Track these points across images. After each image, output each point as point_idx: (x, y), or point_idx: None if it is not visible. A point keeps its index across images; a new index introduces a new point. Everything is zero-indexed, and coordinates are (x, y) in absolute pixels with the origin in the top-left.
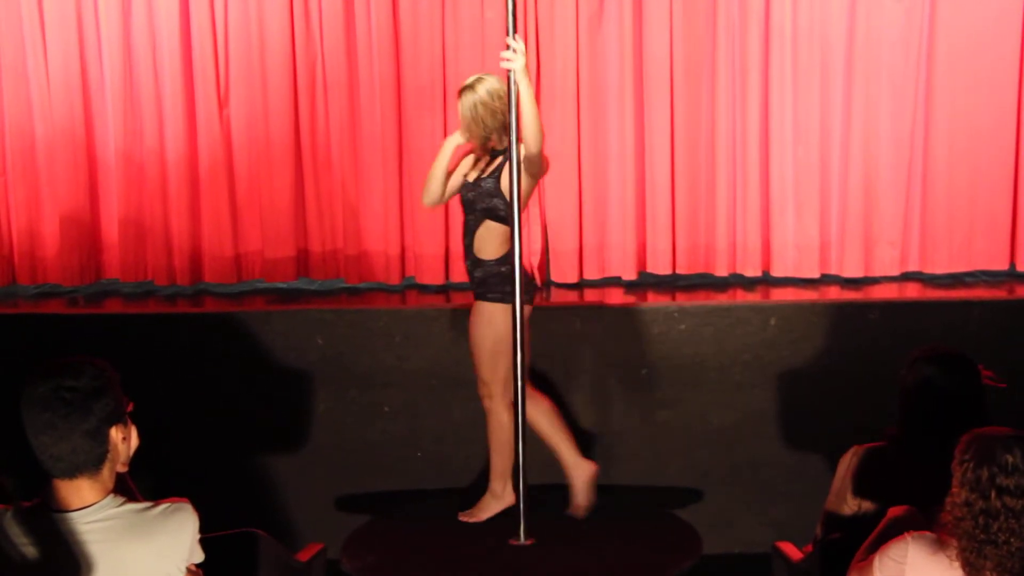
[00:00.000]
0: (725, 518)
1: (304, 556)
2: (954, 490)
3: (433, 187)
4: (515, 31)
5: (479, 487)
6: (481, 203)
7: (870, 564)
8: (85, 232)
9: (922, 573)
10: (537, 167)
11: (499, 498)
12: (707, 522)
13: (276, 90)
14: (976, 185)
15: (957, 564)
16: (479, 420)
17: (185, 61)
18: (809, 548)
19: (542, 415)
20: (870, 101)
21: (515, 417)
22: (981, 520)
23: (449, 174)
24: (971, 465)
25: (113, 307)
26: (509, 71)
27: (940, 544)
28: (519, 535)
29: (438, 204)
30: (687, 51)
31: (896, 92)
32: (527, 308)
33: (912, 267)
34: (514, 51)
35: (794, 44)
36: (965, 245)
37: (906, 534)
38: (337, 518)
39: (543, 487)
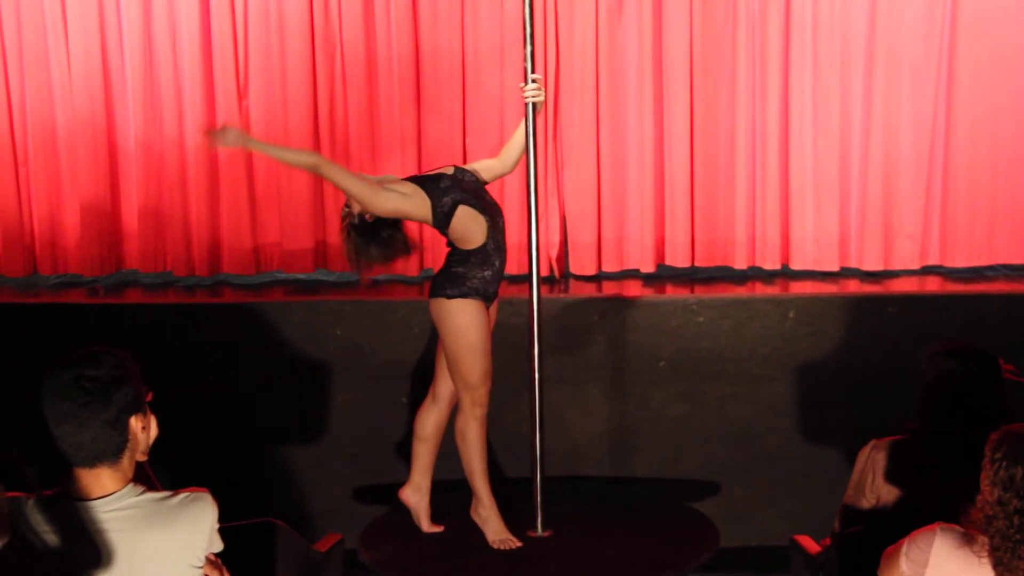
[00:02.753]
0: (743, 511)
1: (322, 546)
2: (985, 488)
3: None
4: (532, 37)
5: (495, 478)
6: None
7: (898, 548)
8: (105, 222)
9: (946, 563)
10: None
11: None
12: (725, 515)
13: (295, 81)
14: (997, 179)
15: (985, 561)
16: (497, 411)
17: (205, 51)
18: (827, 541)
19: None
20: (890, 94)
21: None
22: (1016, 520)
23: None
24: (1004, 464)
25: (133, 297)
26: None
27: (968, 540)
28: (537, 527)
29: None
30: (706, 43)
31: (917, 85)
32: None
33: (932, 261)
34: (538, 85)
35: (814, 36)
36: (986, 239)
37: (935, 524)
38: (355, 509)
39: (560, 479)
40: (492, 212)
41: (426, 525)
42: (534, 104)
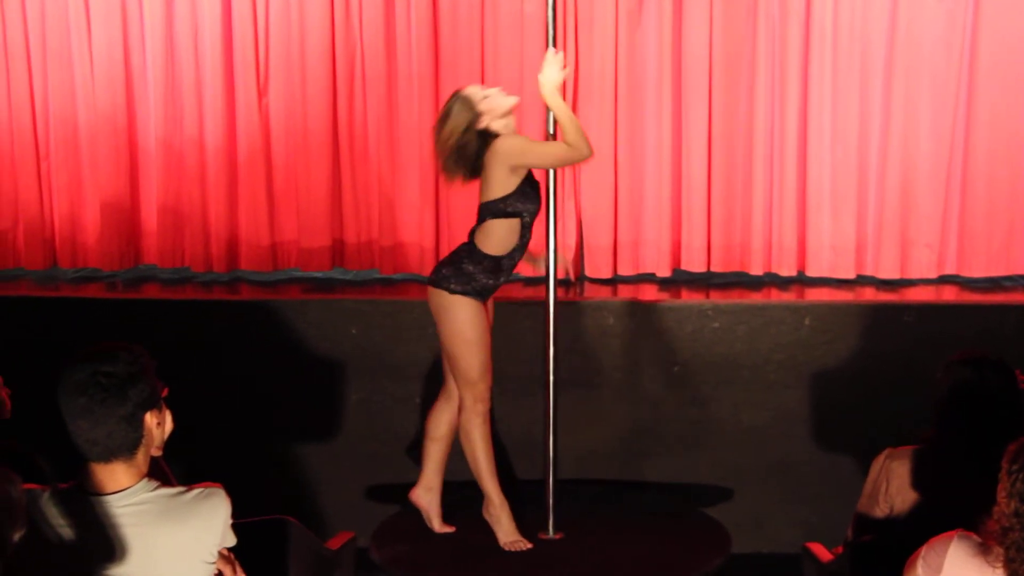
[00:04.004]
0: (755, 517)
1: (334, 544)
2: (1002, 500)
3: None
4: (555, 40)
5: (507, 480)
6: None
7: (918, 553)
8: (125, 218)
9: (959, 570)
10: None
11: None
12: (737, 521)
13: (315, 80)
14: (1016, 188)
15: (1000, 572)
16: (511, 413)
17: (226, 50)
18: (839, 550)
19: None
20: (910, 101)
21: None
22: None
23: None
24: (1021, 476)
25: (150, 292)
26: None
27: (984, 549)
28: (548, 529)
29: None
30: (726, 48)
31: (937, 92)
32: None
33: (949, 270)
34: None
35: (834, 42)
36: (1004, 248)
37: (954, 531)
38: (367, 508)
39: (573, 482)
40: (528, 239)
41: (438, 525)
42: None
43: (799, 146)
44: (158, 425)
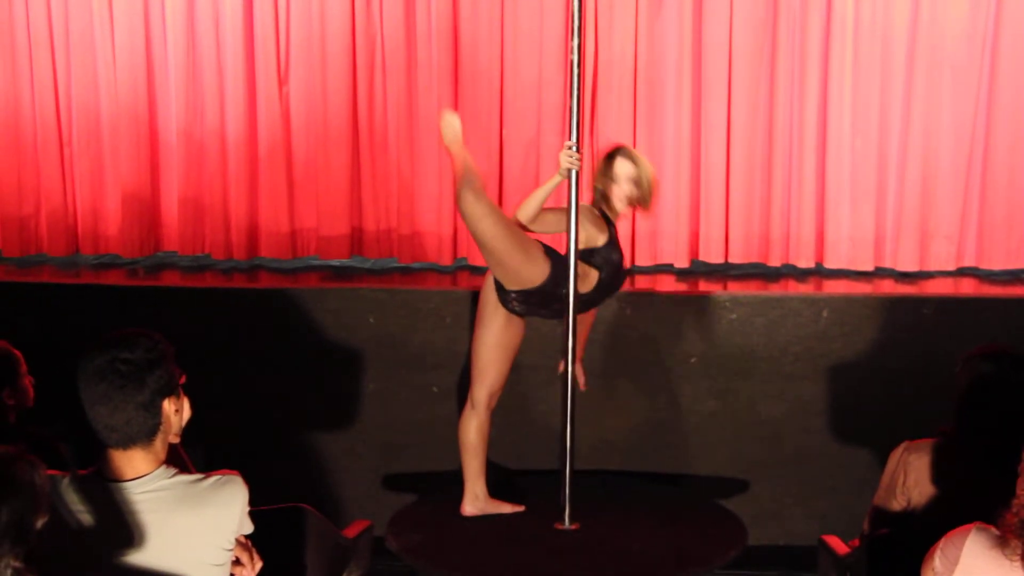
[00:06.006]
0: (771, 510)
1: (351, 532)
2: (1020, 493)
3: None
4: (581, 29)
5: (525, 470)
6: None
7: (936, 547)
8: (146, 206)
9: (976, 563)
10: None
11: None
12: (753, 513)
13: (335, 69)
14: None
15: (1017, 565)
16: (527, 403)
17: (247, 40)
18: (856, 542)
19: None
20: (931, 93)
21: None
22: None
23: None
24: None
25: (170, 280)
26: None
27: (1001, 542)
28: (564, 519)
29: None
30: (747, 39)
31: (958, 85)
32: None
33: (968, 262)
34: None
35: (855, 34)
36: (1023, 241)
37: (972, 524)
38: (384, 496)
39: (589, 473)
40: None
41: (509, 508)
42: (570, 170)
43: (818, 137)
44: (176, 412)
